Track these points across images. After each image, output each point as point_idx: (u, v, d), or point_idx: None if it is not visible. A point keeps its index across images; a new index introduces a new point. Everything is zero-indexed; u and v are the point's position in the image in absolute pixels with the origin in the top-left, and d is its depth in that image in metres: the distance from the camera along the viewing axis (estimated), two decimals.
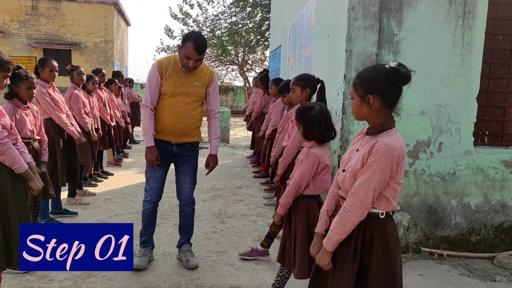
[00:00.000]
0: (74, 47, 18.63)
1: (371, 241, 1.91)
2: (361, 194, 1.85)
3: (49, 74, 4.39)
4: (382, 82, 1.85)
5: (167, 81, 3.39)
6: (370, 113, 1.90)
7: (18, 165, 2.59)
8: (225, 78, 28.44)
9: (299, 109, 2.79)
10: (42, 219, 4.40)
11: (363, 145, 1.94)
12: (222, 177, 7.31)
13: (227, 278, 3.46)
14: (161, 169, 3.54)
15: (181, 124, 3.44)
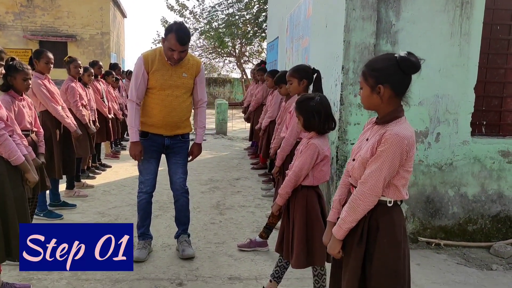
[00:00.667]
0: (70, 39, 18.51)
1: (376, 228, 1.94)
2: (371, 183, 1.87)
3: (44, 66, 4.36)
4: (393, 72, 1.87)
5: (154, 74, 3.35)
6: (381, 103, 1.92)
7: (15, 157, 2.59)
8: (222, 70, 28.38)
9: (299, 100, 2.79)
10: (40, 211, 4.41)
11: (373, 134, 1.96)
12: (220, 168, 7.32)
13: (226, 268, 3.47)
14: (154, 161, 3.56)
15: (173, 117, 3.45)
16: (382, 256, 1.91)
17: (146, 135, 3.50)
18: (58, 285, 3.05)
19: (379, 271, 1.91)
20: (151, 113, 3.44)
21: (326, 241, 2.13)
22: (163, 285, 3.14)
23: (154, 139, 3.50)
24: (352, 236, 1.99)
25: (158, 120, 3.43)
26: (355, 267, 1.96)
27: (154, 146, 3.51)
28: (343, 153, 3.97)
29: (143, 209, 3.63)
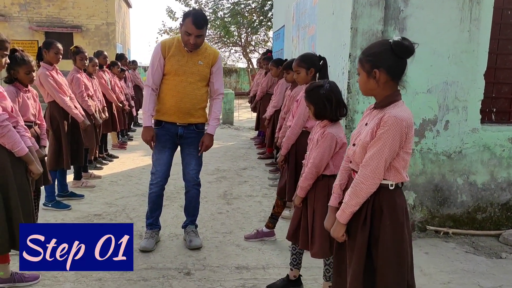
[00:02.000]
0: (75, 30, 18.49)
1: (380, 211, 1.97)
2: (373, 165, 1.91)
3: (54, 57, 4.36)
4: (387, 56, 1.92)
5: (170, 60, 3.37)
6: (377, 87, 1.96)
7: (18, 148, 2.58)
8: (228, 59, 28.24)
9: (308, 88, 2.74)
10: (48, 202, 4.44)
11: (371, 119, 1.99)
12: (227, 158, 7.32)
13: (233, 258, 3.48)
14: (167, 152, 3.53)
15: (186, 103, 3.42)
16: (386, 238, 1.95)
17: (159, 123, 3.48)
18: (67, 275, 3.06)
19: (384, 252, 1.95)
20: (165, 100, 3.43)
21: (329, 226, 2.16)
22: (171, 275, 3.16)
23: (168, 128, 3.47)
24: (356, 220, 2.02)
25: (171, 106, 3.41)
26: (360, 249, 1.99)
27: (168, 135, 3.49)
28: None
29: (153, 201, 3.60)
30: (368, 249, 1.99)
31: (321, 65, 3.54)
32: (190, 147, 3.59)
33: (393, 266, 1.95)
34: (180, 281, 3.07)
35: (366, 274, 1.99)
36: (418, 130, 3.94)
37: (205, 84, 3.53)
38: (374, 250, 1.98)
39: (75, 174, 5.33)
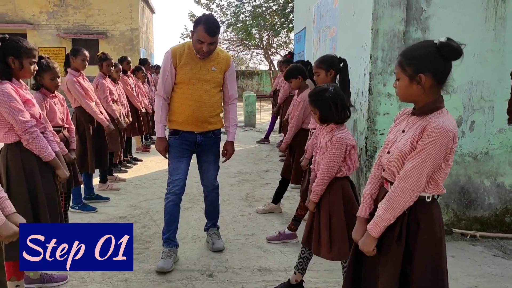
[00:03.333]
0: (101, 36, 18.92)
1: (417, 225, 1.84)
2: (413, 178, 1.77)
3: (81, 63, 4.50)
4: (433, 59, 1.77)
5: (183, 68, 3.30)
6: (422, 93, 1.81)
7: (45, 154, 2.66)
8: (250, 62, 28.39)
9: (313, 93, 2.72)
10: (75, 204, 4.55)
11: (410, 126, 1.86)
12: (249, 161, 7.34)
13: (255, 260, 3.49)
14: (185, 161, 3.47)
15: (203, 112, 3.36)
16: (423, 254, 1.82)
17: (177, 133, 3.43)
18: (94, 276, 3.14)
19: (421, 269, 1.83)
20: (180, 109, 3.36)
21: (357, 237, 2.02)
22: (194, 276, 3.19)
23: (186, 137, 3.41)
24: (389, 234, 1.89)
25: (188, 116, 3.34)
26: (395, 266, 1.86)
27: (186, 145, 3.43)
28: (372, 144, 3.90)
29: (169, 212, 3.43)
30: (402, 265, 1.86)
31: (341, 66, 3.53)
32: (207, 154, 3.56)
33: (431, 284, 1.84)
34: (203, 283, 3.10)
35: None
36: None
37: (220, 89, 3.49)
38: (408, 266, 1.86)
39: (100, 177, 5.46)
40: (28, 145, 2.60)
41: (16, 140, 2.61)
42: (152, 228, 4.18)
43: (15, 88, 2.58)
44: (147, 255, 3.56)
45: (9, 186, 2.63)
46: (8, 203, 1.90)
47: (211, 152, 3.56)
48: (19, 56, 2.59)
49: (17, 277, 2.67)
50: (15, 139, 2.61)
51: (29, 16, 18.60)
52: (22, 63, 2.61)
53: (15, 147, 2.63)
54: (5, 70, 2.57)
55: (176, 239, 3.50)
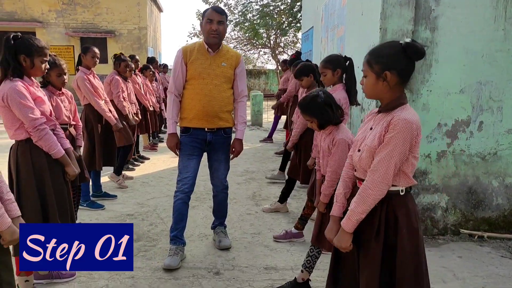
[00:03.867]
0: (109, 35, 19.01)
1: (394, 219, 1.91)
2: (382, 170, 1.85)
3: (91, 60, 4.56)
4: (399, 58, 1.87)
5: (193, 64, 3.36)
6: (388, 90, 1.90)
7: (55, 151, 2.69)
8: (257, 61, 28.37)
9: (304, 103, 2.73)
10: (83, 201, 4.59)
11: (377, 123, 1.94)
12: (256, 160, 7.35)
13: (262, 259, 3.50)
14: (195, 159, 3.48)
15: (213, 106, 3.38)
16: (404, 247, 1.88)
17: (187, 130, 3.45)
18: (102, 273, 3.16)
19: (404, 258, 1.88)
20: (191, 105, 3.39)
21: (331, 236, 2.05)
22: (200, 274, 3.21)
23: (196, 134, 3.43)
24: (368, 230, 1.95)
25: (199, 111, 3.37)
26: (375, 260, 1.91)
27: (196, 143, 3.45)
28: None
29: (178, 210, 3.45)
30: (382, 259, 1.91)
31: (348, 65, 3.53)
32: (218, 153, 3.56)
33: (412, 276, 1.88)
34: (210, 281, 3.12)
35: (382, 285, 1.91)
36: (451, 131, 3.86)
37: (230, 86, 3.51)
38: (390, 259, 1.90)
39: (115, 168, 5.52)
40: (38, 142, 2.63)
41: (26, 137, 2.64)
42: (159, 226, 4.21)
43: (26, 86, 2.61)
44: (154, 252, 3.58)
45: (19, 182, 2.66)
46: (15, 206, 1.90)
47: (222, 151, 3.56)
48: (31, 55, 2.62)
49: (26, 272, 2.70)
50: (25, 136, 2.64)
51: (38, 14, 18.74)
52: (33, 62, 2.64)
53: (25, 144, 2.66)
54: (17, 68, 2.60)
55: (184, 237, 3.51)
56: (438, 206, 3.94)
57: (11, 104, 2.54)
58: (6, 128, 2.69)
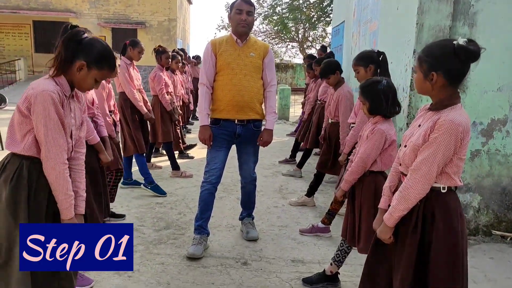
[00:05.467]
0: (139, 26, 19.29)
1: (432, 215, 1.89)
2: (424, 170, 1.83)
3: (137, 55, 4.81)
4: (448, 60, 1.81)
5: (222, 55, 3.40)
6: (432, 90, 1.88)
7: (91, 137, 2.79)
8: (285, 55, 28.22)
9: (365, 84, 2.71)
10: (148, 183, 4.85)
11: (426, 120, 1.91)
12: (283, 153, 7.34)
13: (289, 251, 3.52)
14: (223, 151, 3.50)
15: (243, 96, 3.39)
16: (439, 244, 1.86)
17: (217, 122, 3.48)
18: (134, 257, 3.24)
19: (437, 257, 1.86)
20: (221, 96, 3.42)
21: (376, 227, 2.10)
22: (228, 264, 3.26)
23: (226, 126, 3.45)
24: (405, 224, 1.94)
25: (229, 101, 3.39)
26: (410, 256, 1.91)
27: (225, 135, 3.47)
28: None
29: (204, 200, 3.49)
30: (418, 255, 1.90)
31: (381, 60, 3.49)
32: (247, 146, 3.58)
33: (446, 274, 1.85)
34: (238, 270, 3.16)
35: (416, 282, 1.90)
36: (486, 130, 3.77)
37: (260, 76, 3.52)
38: (425, 257, 1.89)
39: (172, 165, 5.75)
40: None
41: None
42: (187, 215, 4.28)
43: None
44: (183, 240, 3.65)
45: None
46: (83, 204, 2.02)
47: (250, 144, 3.58)
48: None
49: None
50: None
51: (72, 4, 19.15)
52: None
53: None
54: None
55: (208, 227, 3.55)
56: (470, 206, 3.86)
57: None
58: None
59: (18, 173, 1.84)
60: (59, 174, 1.84)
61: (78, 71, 1.89)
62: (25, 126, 1.84)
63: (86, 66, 1.89)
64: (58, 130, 1.83)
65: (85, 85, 1.96)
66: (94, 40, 1.93)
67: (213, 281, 2.99)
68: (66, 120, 1.88)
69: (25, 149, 1.85)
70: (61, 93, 1.87)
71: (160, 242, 3.60)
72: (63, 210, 1.88)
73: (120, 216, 4.10)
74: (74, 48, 1.87)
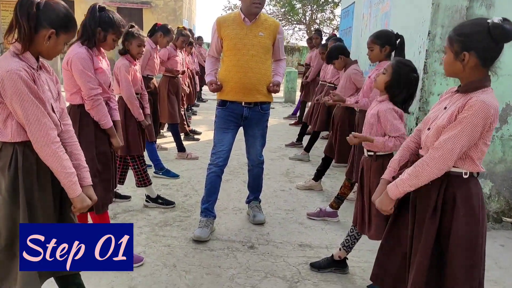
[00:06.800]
0: (145, 6, 19.05)
1: (453, 201, 1.82)
2: (445, 149, 1.74)
3: (165, 43, 4.93)
4: (481, 39, 1.72)
5: (229, 35, 3.31)
6: (463, 71, 1.79)
7: (104, 121, 2.74)
8: (292, 38, 27.88)
9: (403, 62, 2.58)
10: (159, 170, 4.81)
11: (453, 103, 1.83)
12: (289, 137, 7.27)
13: (296, 235, 3.48)
14: (230, 133, 3.45)
15: (250, 78, 3.30)
16: (459, 231, 1.79)
17: (224, 104, 3.41)
18: (139, 239, 3.23)
19: (456, 244, 1.80)
20: (228, 77, 3.34)
21: (375, 198, 2.04)
22: (235, 247, 3.22)
23: (233, 108, 3.38)
24: (424, 208, 1.88)
25: (235, 83, 3.30)
26: (428, 242, 1.84)
27: (232, 117, 3.40)
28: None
29: (211, 182, 3.44)
30: (437, 242, 1.84)
31: (398, 43, 3.38)
32: (254, 129, 3.52)
33: (465, 262, 1.80)
34: (244, 254, 3.12)
35: (433, 268, 1.84)
36: (501, 115, 3.67)
37: (269, 57, 3.42)
38: (444, 243, 1.83)
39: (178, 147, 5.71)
40: (90, 110, 2.69)
41: (80, 102, 2.71)
42: (193, 197, 4.24)
43: (90, 55, 2.67)
44: (189, 223, 3.61)
45: None
46: (88, 175, 1.97)
47: (258, 127, 3.52)
48: (106, 30, 2.71)
49: None
50: (79, 102, 2.71)
51: None
52: (106, 37, 2.73)
53: (77, 109, 2.72)
54: (91, 38, 2.67)
55: (214, 210, 3.51)
56: (483, 194, 3.79)
57: (74, 69, 2.62)
58: (66, 90, 2.75)
59: (14, 160, 1.75)
60: (53, 155, 1.75)
61: (47, 41, 1.74)
62: (1, 112, 1.71)
63: (55, 34, 1.75)
64: (37, 108, 1.70)
65: (55, 52, 1.81)
66: (52, 2, 1.76)
67: (220, 264, 2.96)
68: (43, 95, 1.75)
69: (14, 135, 1.73)
70: (29, 68, 1.71)
71: (166, 224, 3.57)
72: (67, 189, 1.83)
73: (126, 198, 4.07)
74: (34, 16, 1.68)
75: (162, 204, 3.90)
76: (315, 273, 2.90)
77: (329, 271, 2.92)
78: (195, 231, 3.32)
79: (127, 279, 2.72)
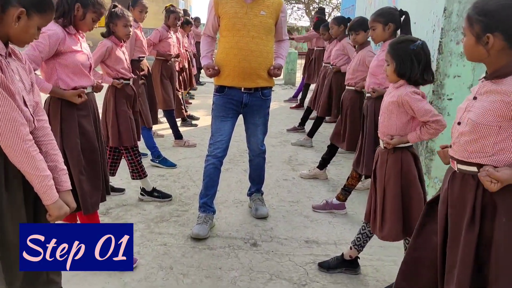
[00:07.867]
0: None
1: (493, 206, 1.56)
2: None
3: (138, 15, 4.39)
4: (508, 18, 1.46)
5: (227, 13, 3.02)
6: (488, 56, 1.52)
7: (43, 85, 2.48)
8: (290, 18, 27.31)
9: (395, 41, 2.34)
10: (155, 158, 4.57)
11: (483, 92, 1.57)
12: (291, 121, 6.99)
13: (302, 230, 3.25)
14: (229, 122, 3.19)
15: (250, 62, 3.03)
16: (501, 239, 1.53)
17: (222, 90, 3.14)
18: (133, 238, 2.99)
19: (500, 255, 1.54)
20: (226, 60, 3.06)
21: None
22: (237, 245, 2.99)
23: (232, 94, 3.12)
24: (459, 216, 1.62)
25: (234, 67, 3.03)
26: (467, 254, 1.58)
27: (231, 104, 3.14)
28: (438, 110, 3.47)
29: (209, 175, 3.19)
30: (477, 253, 1.59)
31: (403, 20, 3.11)
32: (254, 116, 3.25)
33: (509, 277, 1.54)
34: (247, 252, 2.90)
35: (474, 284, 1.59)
36: None
37: (271, 38, 3.14)
38: (485, 253, 1.58)
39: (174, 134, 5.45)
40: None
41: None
42: (191, 189, 4.00)
43: (64, 35, 2.38)
44: (187, 218, 3.38)
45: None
46: (67, 178, 1.74)
47: (259, 114, 3.25)
48: (86, 6, 2.42)
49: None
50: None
51: None
52: (85, 15, 2.44)
53: (57, 100, 2.47)
54: (67, 14, 2.39)
55: (214, 204, 3.26)
56: None
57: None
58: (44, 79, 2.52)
59: None
60: (24, 155, 1.50)
61: (16, 22, 1.48)
62: None
63: (25, 14, 1.49)
64: (5, 101, 1.45)
65: (26, 37, 1.55)
66: None
67: (220, 266, 2.73)
68: (13, 86, 1.49)
69: None
70: None
71: (162, 219, 3.33)
72: (42, 195, 1.59)
73: (120, 190, 3.82)
74: None
75: (158, 198, 3.66)
76: (324, 274, 2.68)
77: (339, 272, 2.69)
78: (193, 228, 3.08)
79: (119, 285, 2.49)
